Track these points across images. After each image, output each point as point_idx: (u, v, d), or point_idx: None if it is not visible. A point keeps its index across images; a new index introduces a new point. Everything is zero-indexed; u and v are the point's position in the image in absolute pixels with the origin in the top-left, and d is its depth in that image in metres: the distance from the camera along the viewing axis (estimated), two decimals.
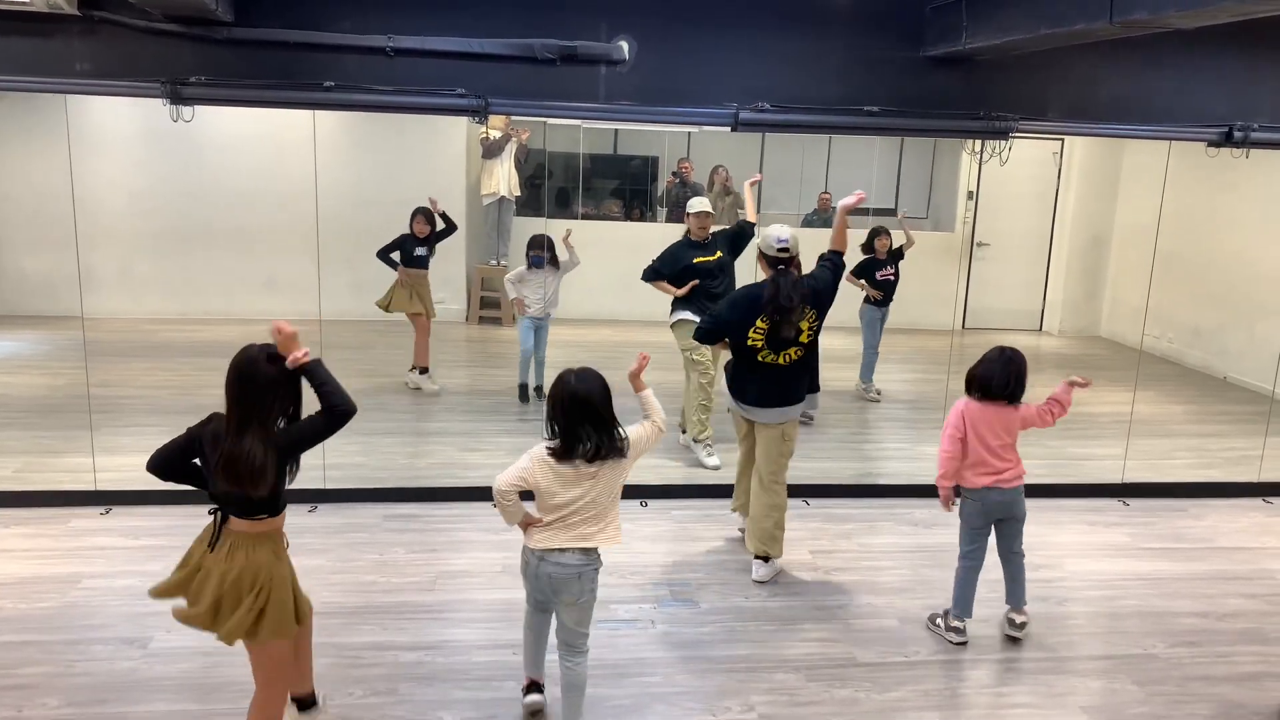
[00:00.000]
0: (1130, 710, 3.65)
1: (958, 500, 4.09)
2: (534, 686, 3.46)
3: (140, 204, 9.09)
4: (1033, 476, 4.15)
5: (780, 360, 4.38)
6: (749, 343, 4.37)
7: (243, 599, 2.80)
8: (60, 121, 5.51)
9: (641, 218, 11.02)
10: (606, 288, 8.54)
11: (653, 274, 6.11)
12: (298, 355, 2.76)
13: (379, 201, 7.64)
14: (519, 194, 9.60)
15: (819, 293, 4.39)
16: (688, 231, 6.14)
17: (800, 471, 6.03)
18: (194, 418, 2.80)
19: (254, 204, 9.09)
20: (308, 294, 5.77)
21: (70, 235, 5.48)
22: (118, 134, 8.95)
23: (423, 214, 7.21)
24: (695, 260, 5.98)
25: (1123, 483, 5.95)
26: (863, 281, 7.54)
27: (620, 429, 3.10)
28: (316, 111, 5.07)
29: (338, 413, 2.79)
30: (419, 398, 7.20)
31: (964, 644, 4.04)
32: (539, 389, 7.06)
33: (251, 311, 9.04)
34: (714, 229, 6.18)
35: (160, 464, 2.83)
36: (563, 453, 3.04)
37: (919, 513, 5.48)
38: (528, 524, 3.18)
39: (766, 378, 4.42)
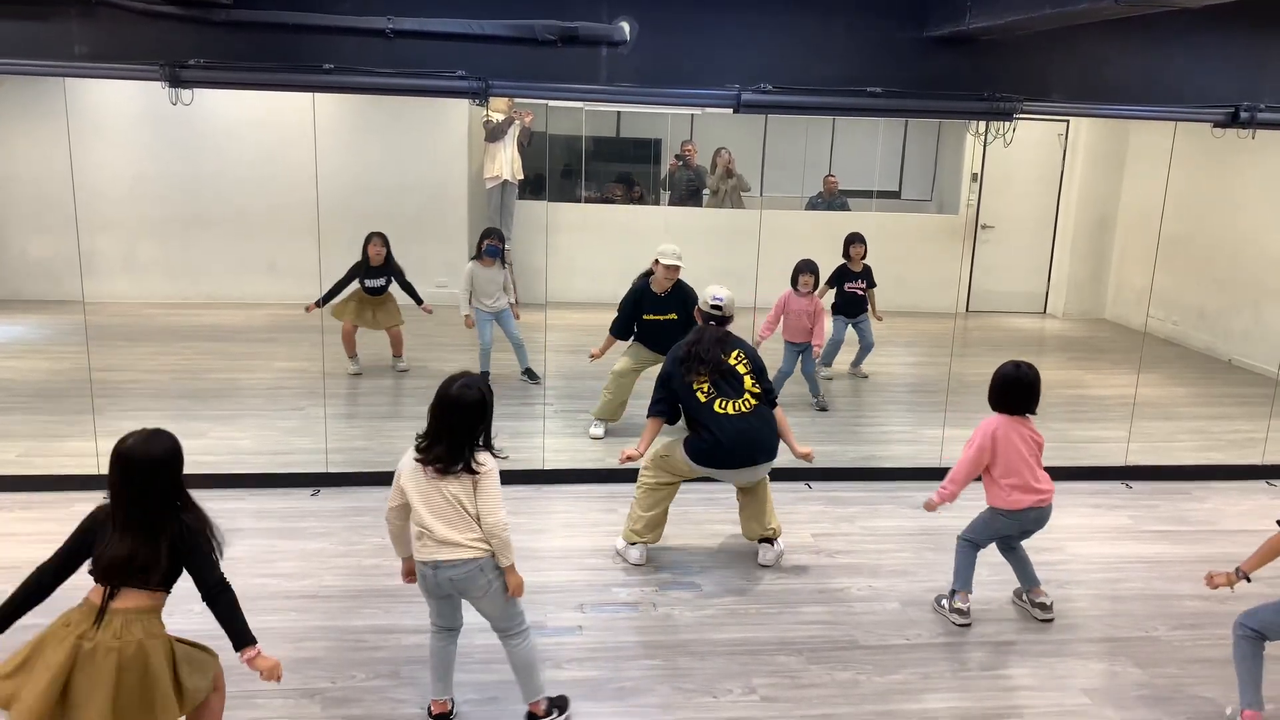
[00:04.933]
0: (1132, 693, 3.66)
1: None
2: (444, 718, 3.30)
3: (141, 188, 9.06)
4: None
5: (739, 409, 4.25)
6: (695, 392, 4.27)
7: (160, 675, 2.64)
8: (59, 105, 5.49)
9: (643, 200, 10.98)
10: (608, 272, 8.50)
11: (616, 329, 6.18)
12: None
13: (380, 186, 7.61)
14: (522, 177, 9.56)
15: (757, 366, 4.39)
16: (650, 274, 6.03)
17: None
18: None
19: (255, 188, 9.05)
20: (309, 278, 5.77)
21: (71, 219, 5.47)
22: (117, 117, 8.91)
23: (378, 237, 6.83)
24: (646, 316, 6.02)
25: (1126, 465, 5.94)
26: (830, 291, 7.16)
27: (478, 453, 3.06)
28: (316, 94, 5.05)
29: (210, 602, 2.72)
30: (420, 382, 7.19)
31: (968, 625, 4.04)
32: (529, 371, 7.07)
33: (253, 296, 9.04)
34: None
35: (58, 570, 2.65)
36: (424, 451, 3.06)
37: (921, 496, 5.41)
38: (408, 570, 3.27)
39: (732, 429, 4.23)
